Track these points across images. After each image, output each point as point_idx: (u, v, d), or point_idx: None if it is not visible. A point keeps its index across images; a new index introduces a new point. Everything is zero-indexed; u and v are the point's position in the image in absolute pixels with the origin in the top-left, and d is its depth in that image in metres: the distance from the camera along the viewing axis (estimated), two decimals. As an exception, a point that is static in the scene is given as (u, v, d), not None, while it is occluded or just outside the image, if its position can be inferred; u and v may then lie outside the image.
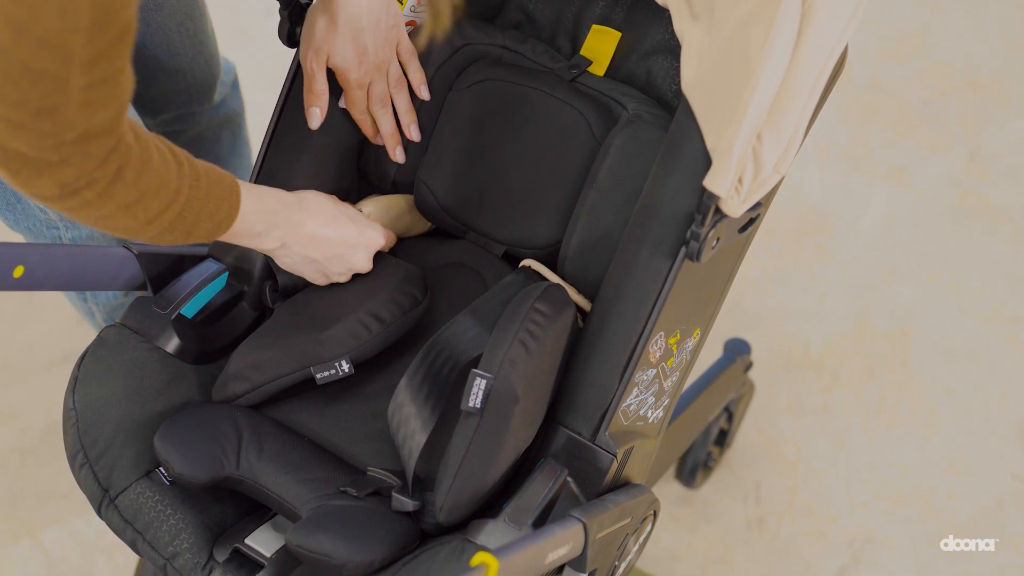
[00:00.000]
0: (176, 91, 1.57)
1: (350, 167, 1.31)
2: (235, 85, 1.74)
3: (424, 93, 1.28)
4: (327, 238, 1.18)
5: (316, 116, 1.25)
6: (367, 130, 1.28)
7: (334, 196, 1.23)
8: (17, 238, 1.61)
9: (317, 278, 1.22)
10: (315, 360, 1.18)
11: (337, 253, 1.20)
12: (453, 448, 1.07)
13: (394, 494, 1.11)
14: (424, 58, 1.28)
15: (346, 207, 1.23)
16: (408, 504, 1.11)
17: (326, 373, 1.18)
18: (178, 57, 1.50)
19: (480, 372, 1.05)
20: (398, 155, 1.30)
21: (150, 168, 0.97)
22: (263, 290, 1.27)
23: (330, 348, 1.18)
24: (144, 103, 1.59)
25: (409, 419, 1.11)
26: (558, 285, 1.14)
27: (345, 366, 1.18)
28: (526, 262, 1.27)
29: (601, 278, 1.18)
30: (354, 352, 1.18)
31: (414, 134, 1.29)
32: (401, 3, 1.26)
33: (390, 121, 1.28)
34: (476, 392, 1.05)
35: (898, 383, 1.93)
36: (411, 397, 1.11)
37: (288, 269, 1.20)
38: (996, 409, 1.89)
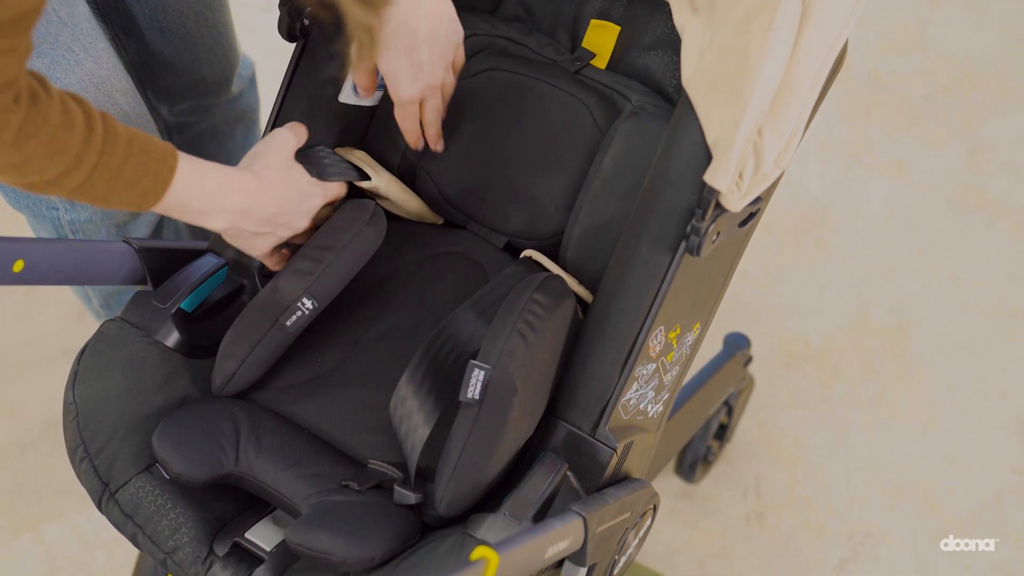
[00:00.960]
0: (192, 82, 1.57)
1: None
2: (252, 81, 1.73)
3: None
4: (274, 208, 1.16)
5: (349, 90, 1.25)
6: (411, 138, 1.27)
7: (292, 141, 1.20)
8: (19, 217, 1.61)
9: (255, 249, 1.20)
10: (280, 310, 1.18)
11: (281, 219, 1.17)
12: (452, 440, 1.07)
13: (396, 487, 1.11)
14: None
15: (296, 168, 1.19)
16: (410, 497, 1.11)
17: (293, 317, 1.18)
18: (195, 47, 1.50)
19: (478, 363, 1.05)
20: (439, 146, 1.29)
21: (41, 131, 0.97)
22: (262, 284, 1.27)
23: (288, 292, 1.18)
24: (160, 92, 1.60)
25: (412, 413, 1.11)
26: (557, 276, 1.14)
27: (308, 303, 1.18)
28: (527, 253, 1.27)
29: (602, 268, 1.18)
30: (312, 288, 1.18)
31: (440, 147, 1.29)
32: None
33: (438, 131, 1.28)
34: (475, 383, 1.05)
35: (898, 377, 1.93)
36: (414, 391, 1.11)
37: (237, 246, 1.20)
38: (996, 403, 1.90)
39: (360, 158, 1.29)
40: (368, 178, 1.27)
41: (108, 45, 1.34)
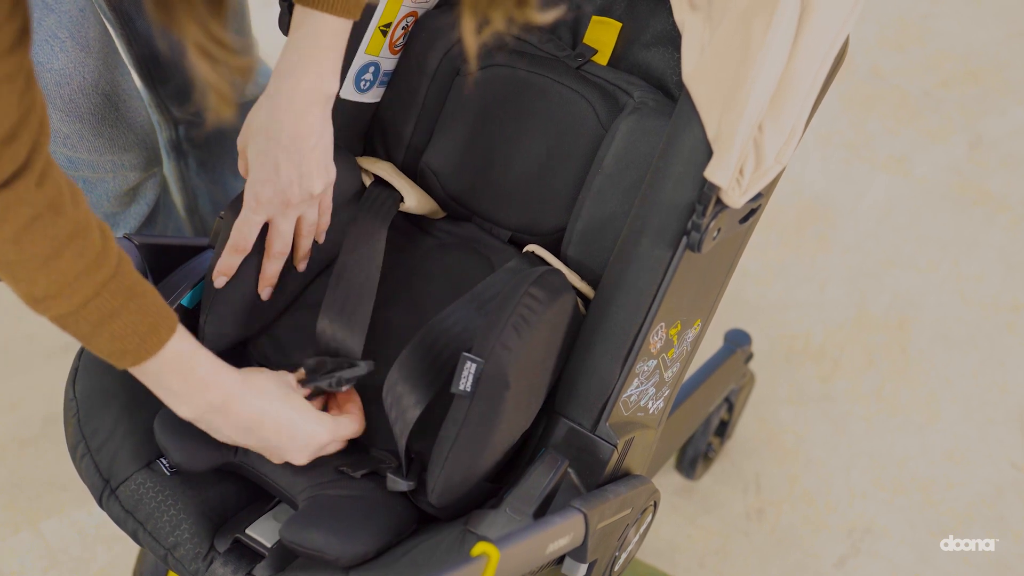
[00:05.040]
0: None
1: (354, 153, 1.31)
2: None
3: (322, 237, 1.23)
4: (264, 426, 1.08)
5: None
6: (219, 268, 1.18)
7: (286, 380, 1.13)
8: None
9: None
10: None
11: (272, 444, 1.09)
12: (445, 432, 1.07)
13: (389, 475, 1.12)
14: (431, 43, 1.27)
15: (296, 398, 1.11)
16: (402, 484, 1.11)
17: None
18: None
19: (471, 356, 1.05)
20: (264, 294, 1.21)
21: (46, 241, 0.91)
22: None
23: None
24: (169, 90, 1.59)
25: (402, 397, 1.11)
26: (556, 270, 1.14)
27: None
28: (530, 248, 1.27)
29: (604, 264, 1.18)
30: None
31: (266, 295, 1.21)
32: None
33: (278, 267, 1.20)
34: (467, 376, 1.05)
35: (898, 372, 1.93)
36: (405, 376, 1.11)
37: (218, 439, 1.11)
38: (996, 397, 1.90)
39: (386, 170, 1.29)
40: (401, 199, 1.28)
41: (102, 35, 1.33)
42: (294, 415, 1.09)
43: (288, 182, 1.13)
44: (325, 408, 1.18)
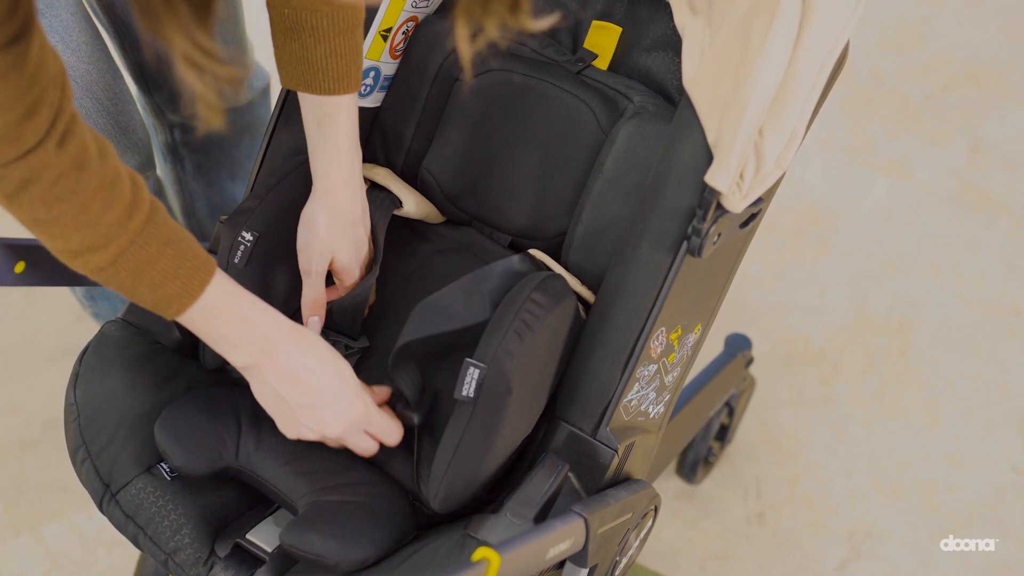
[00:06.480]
0: None
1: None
2: (265, 92, 1.71)
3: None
4: (307, 381, 1.08)
5: (316, 324, 1.21)
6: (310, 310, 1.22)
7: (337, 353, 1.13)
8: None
9: (283, 425, 1.11)
10: (227, 253, 1.17)
11: (311, 402, 1.08)
12: (447, 437, 1.07)
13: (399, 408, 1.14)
14: (431, 47, 1.28)
15: (344, 366, 1.10)
16: (413, 418, 1.14)
17: (239, 252, 1.17)
18: None
19: (473, 361, 1.05)
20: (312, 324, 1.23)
21: (75, 197, 0.93)
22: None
23: (228, 236, 1.18)
24: (164, 96, 1.59)
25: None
26: (558, 275, 1.14)
27: (247, 235, 1.17)
28: (531, 252, 1.27)
29: (604, 269, 1.18)
30: (250, 221, 1.18)
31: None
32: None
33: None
34: (469, 381, 1.05)
35: (898, 375, 1.93)
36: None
37: (258, 400, 1.11)
38: (996, 401, 1.90)
39: (382, 175, 1.29)
40: (400, 204, 1.28)
41: (94, 39, 1.33)
42: (338, 380, 1.09)
43: (367, 251, 1.23)
44: None
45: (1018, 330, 1.98)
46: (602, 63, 1.27)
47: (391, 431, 1.14)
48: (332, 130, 1.16)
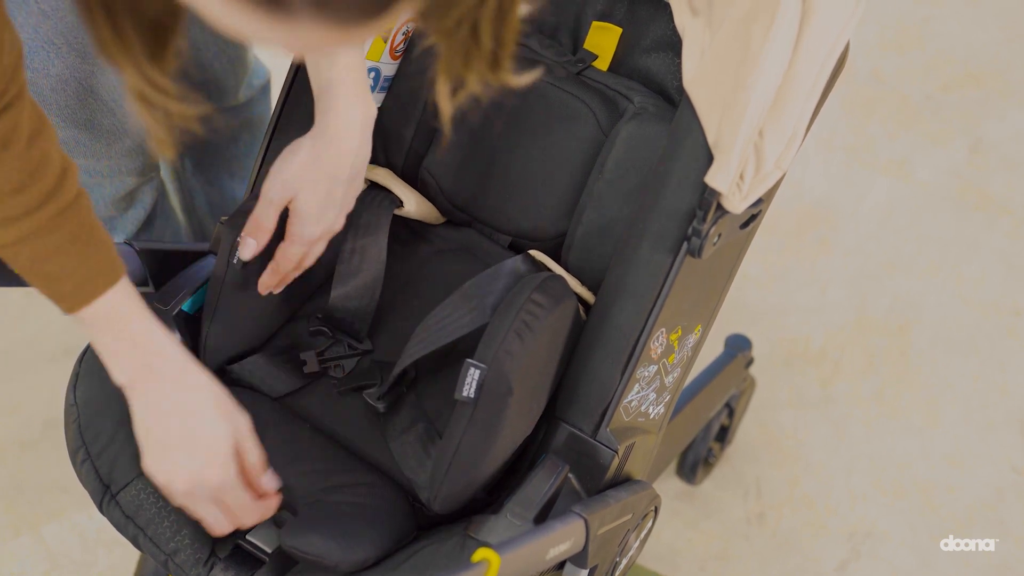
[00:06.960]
0: (194, 84, 1.56)
1: None
2: (265, 90, 1.70)
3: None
4: (170, 421, 1.02)
5: (251, 247, 1.15)
6: (271, 281, 1.18)
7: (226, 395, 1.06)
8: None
9: (142, 458, 1.04)
10: (227, 254, 1.17)
11: (167, 443, 1.03)
12: (447, 438, 1.07)
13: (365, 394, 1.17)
14: (431, 48, 1.27)
15: (227, 424, 1.03)
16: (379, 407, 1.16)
17: (235, 257, 1.17)
18: (199, 51, 1.49)
19: (474, 362, 1.05)
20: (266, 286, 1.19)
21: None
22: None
23: (227, 237, 1.17)
24: None
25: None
26: (558, 276, 1.14)
27: (249, 242, 1.16)
28: (531, 252, 1.27)
29: (604, 270, 1.18)
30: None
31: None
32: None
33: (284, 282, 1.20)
34: (470, 382, 1.05)
35: (898, 375, 1.93)
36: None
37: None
38: (996, 401, 1.90)
39: (382, 176, 1.29)
40: (400, 204, 1.28)
41: None
42: (209, 433, 1.02)
43: (337, 215, 1.17)
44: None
45: (1018, 330, 1.98)
46: (602, 64, 1.27)
47: (248, 511, 1.05)
48: (336, 90, 1.13)
